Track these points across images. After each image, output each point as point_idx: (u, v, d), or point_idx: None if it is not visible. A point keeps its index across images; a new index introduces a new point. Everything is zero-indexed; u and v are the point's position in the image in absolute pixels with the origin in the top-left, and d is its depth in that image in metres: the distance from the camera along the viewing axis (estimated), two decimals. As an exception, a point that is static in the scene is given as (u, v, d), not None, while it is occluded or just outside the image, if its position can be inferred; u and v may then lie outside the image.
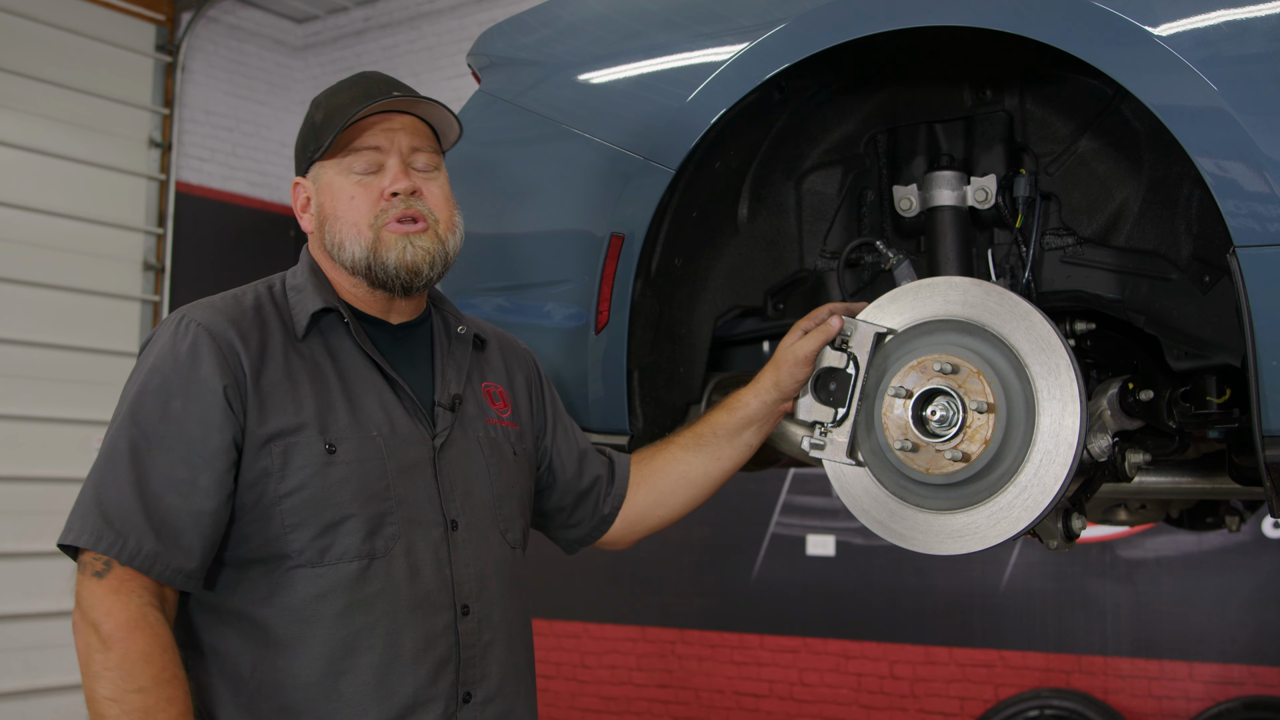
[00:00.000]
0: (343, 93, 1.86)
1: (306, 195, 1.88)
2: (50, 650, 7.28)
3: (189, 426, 1.65)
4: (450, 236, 1.87)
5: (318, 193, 1.86)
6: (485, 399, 1.95)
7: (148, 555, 1.60)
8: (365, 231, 1.80)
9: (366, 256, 1.80)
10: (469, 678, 1.76)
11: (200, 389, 1.66)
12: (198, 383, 1.67)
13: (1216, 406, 2.04)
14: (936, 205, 2.19)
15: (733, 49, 2.08)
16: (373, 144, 1.82)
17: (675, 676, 7.38)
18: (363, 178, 1.82)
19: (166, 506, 1.62)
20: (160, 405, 1.66)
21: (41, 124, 7.65)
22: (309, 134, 1.86)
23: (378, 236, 1.80)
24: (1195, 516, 3.38)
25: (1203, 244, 1.96)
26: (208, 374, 1.67)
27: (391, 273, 1.81)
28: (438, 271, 1.85)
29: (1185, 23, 1.68)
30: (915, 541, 1.96)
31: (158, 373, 1.68)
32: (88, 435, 7.59)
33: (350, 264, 1.82)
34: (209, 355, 1.68)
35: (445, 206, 1.88)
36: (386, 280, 1.82)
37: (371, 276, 1.82)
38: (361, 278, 1.83)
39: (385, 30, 8.83)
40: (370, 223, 1.81)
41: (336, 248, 1.82)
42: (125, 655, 1.57)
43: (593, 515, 2.11)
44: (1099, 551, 6.36)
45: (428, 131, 1.89)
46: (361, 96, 1.83)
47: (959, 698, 6.60)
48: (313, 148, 1.85)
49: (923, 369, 1.94)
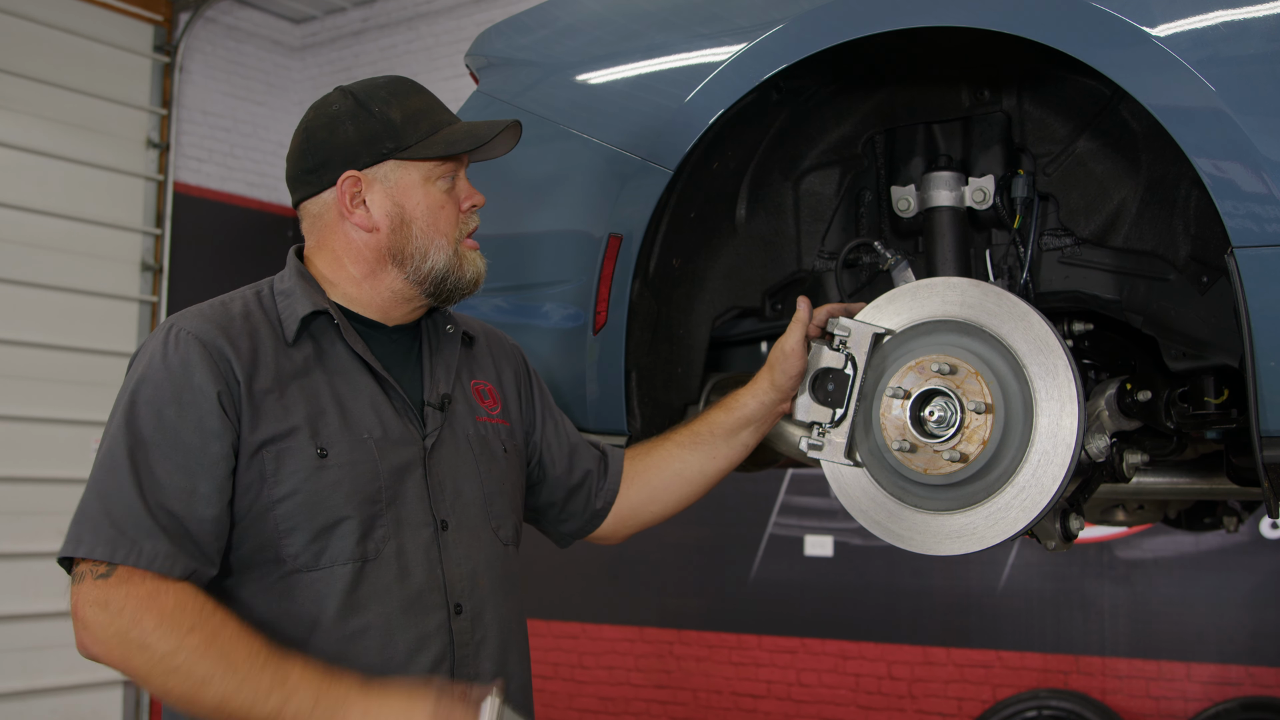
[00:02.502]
0: (413, 96, 1.85)
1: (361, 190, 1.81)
2: (48, 651, 7.28)
3: (185, 435, 1.64)
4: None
5: (392, 192, 1.81)
6: (474, 397, 1.95)
7: (166, 556, 1.58)
8: (451, 245, 1.84)
9: (446, 268, 1.84)
10: (463, 676, 1.77)
11: (194, 397, 1.65)
12: (191, 391, 1.65)
13: (1214, 407, 2.04)
14: (934, 206, 2.19)
15: (731, 49, 2.08)
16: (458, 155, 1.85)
17: (673, 677, 7.38)
18: (446, 186, 1.84)
19: (171, 513, 1.61)
20: (155, 415, 1.64)
21: (39, 124, 7.65)
22: (383, 129, 1.80)
23: (458, 251, 1.85)
24: (1193, 517, 3.38)
25: (1200, 244, 1.96)
26: (201, 382, 1.66)
27: (465, 287, 1.87)
28: None
29: (1183, 23, 1.69)
30: (913, 542, 1.96)
31: (149, 382, 1.67)
32: (85, 436, 7.59)
33: (427, 273, 1.83)
34: (201, 363, 1.67)
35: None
36: (456, 293, 1.87)
37: (441, 288, 1.85)
38: (427, 287, 1.85)
39: (383, 31, 8.83)
40: (455, 236, 1.85)
41: (417, 255, 1.82)
42: (160, 613, 1.55)
43: (584, 510, 2.11)
44: (1097, 552, 6.36)
45: None
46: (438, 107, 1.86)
47: (957, 698, 6.60)
48: (390, 144, 1.79)
49: (921, 369, 1.94)
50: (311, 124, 1.84)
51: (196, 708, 1.56)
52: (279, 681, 1.56)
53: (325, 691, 1.57)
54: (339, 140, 1.81)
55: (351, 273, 1.84)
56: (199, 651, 1.54)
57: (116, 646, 1.55)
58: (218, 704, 1.54)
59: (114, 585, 1.56)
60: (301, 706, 1.55)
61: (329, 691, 1.57)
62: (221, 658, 1.54)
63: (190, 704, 1.56)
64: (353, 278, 1.84)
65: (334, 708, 1.56)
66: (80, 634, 1.57)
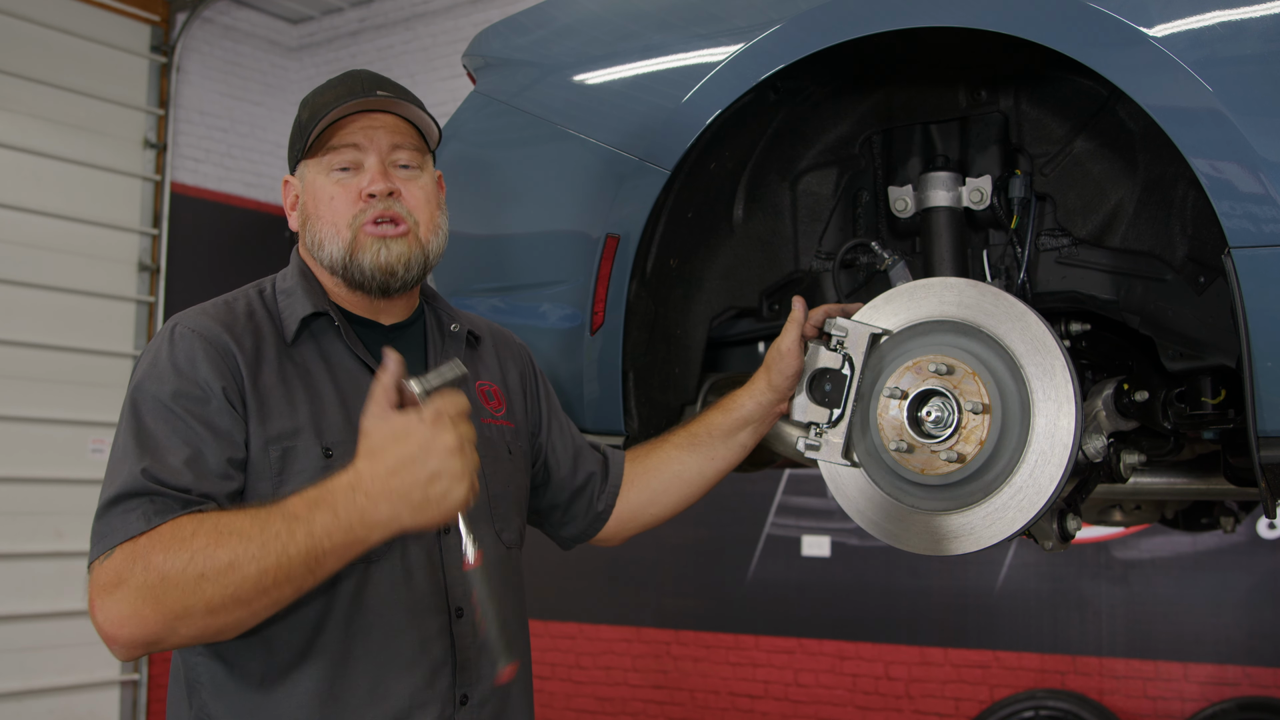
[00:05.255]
0: (328, 91, 1.84)
1: (295, 194, 1.88)
2: (45, 651, 7.27)
3: (192, 430, 1.63)
4: (431, 238, 1.85)
5: (304, 191, 1.85)
6: (480, 398, 1.94)
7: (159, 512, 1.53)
8: (344, 232, 1.79)
9: (343, 257, 1.79)
10: (465, 680, 1.76)
11: (200, 392, 1.65)
12: (198, 386, 1.65)
13: (1211, 407, 2.04)
14: (931, 206, 2.19)
15: (728, 50, 2.08)
16: (351, 142, 1.80)
17: (670, 677, 7.38)
18: (342, 176, 1.80)
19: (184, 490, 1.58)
20: (161, 411, 1.63)
21: (36, 125, 7.64)
22: (296, 132, 1.86)
23: (355, 237, 1.79)
24: (1190, 517, 3.38)
25: (1198, 245, 1.96)
26: (206, 377, 1.65)
27: (367, 274, 1.79)
28: (415, 274, 1.83)
29: (1180, 23, 1.69)
30: (910, 542, 1.96)
31: (154, 379, 1.66)
32: (83, 436, 7.59)
33: (328, 264, 1.81)
34: (205, 359, 1.66)
35: (426, 207, 1.84)
36: (363, 282, 1.80)
37: (348, 277, 1.81)
38: (339, 278, 1.82)
39: (380, 31, 8.83)
40: (349, 223, 1.79)
41: (316, 247, 1.82)
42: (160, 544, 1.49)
43: (587, 512, 2.11)
44: (1094, 552, 6.37)
45: (411, 130, 1.85)
46: (344, 95, 1.81)
47: (954, 698, 6.60)
48: (298, 146, 1.84)
49: (918, 370, 1.94)
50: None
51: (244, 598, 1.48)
52: (290, 518, 1.49)
53: (332, 496, 1.50)
54: (288, 149, 1.89)
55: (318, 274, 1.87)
56: (211, 545, 1.47)
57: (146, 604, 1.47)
58: (258, 576, 1.47)
59: (116, 558, 1.51)
60: (324, 520, 1.49)
61: (335, 494, 1.51)
62: (230, 535, 1.48)
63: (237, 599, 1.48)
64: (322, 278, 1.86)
65: (350, 499, 1.50)
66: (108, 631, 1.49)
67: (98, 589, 1.50)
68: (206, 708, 1.69)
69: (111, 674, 7.67)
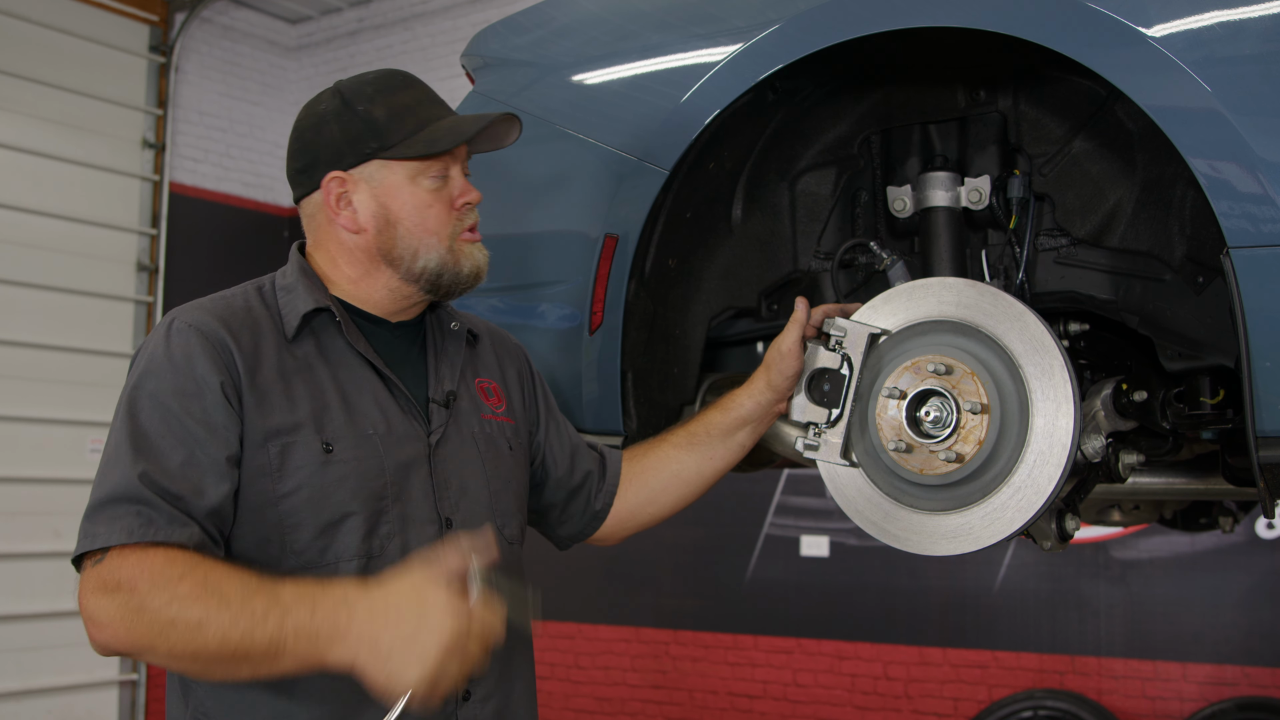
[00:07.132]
0: (399, 92, 1.83)
1: (346, 191, 1.81)
2: (43, 651, 7.27)
3: (189, 426, 1.62)
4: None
5: (377, 193, 1.81)
6: (479, 395, 1.95)
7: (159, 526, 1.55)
8: (444, 241, 1.83)
9: (440, 266, 1.82)
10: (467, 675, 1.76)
11: (197, 387, 1.64)
12: (194, 381, 1.64)
13: (1210, 407, 2.04)
14: (930, 206, 2.19)
15: (727, 50, 2.08)
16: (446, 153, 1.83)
17: (669, 677, 7.38)
18: (436, 184, 1.82)
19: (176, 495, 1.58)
20: (157, 407, 1.63)
21: (35, 125, 7.64)
22: (365, 129, 1.79)
23: (453, 247, 1.83)
24: (1189, 517, 3.38)
25: (1196, 245, 1.96)
26: (203, 372, 1.65)
27: (464, 282, 1.86)
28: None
29: (1179, 23, 1.69)
30: (909, 542, 1.96)
31: (151, 375, 1.66)
32: (81, 436, 7.59)
33: (419, 272, 1.82)
34: (202, 354, 1.66)
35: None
36: (455, 288, 1.86)
37: (438, 284, 1.84)
38: (423, 284, 1.84)
39: (379, 31, 8.83)
40: (449, 233, 1.83)
41: (407, 255, 1.81)
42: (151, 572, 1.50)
43: (584, 511, 2.11)
44: (1093, 552, 6.37)
45: None
46: (426, 102, 1.83)
47: (953, 698, 6.61)
48: (373, 144, 1.79)
49: (916, 370, 1.94)
50: (301, 124, 1.86)
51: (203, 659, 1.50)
52: (273, 602, 1.50)
53: (322, 599, 1.52)
54: (324, 140, 1.81)
55: (347, 272, 1.85)
56: (191, 597, 1.49)
57: (121, 623, 1.50)
58: (219, 643, 1.48)
59: (108, 565, 1.53)
60: (300, 619, 1.50)
61: (326, 598, 1.52)
62: (212, 595, 1.49)
63: (196, 657, 1.50)
64: (349, 277, 1.85)
65: (334, 612, 1.51)
66: (88, 628, 1.53)
67: (90, 588, 1.53)
68: (203, 706, 1.69)
69: (110, 674, 7.67)
